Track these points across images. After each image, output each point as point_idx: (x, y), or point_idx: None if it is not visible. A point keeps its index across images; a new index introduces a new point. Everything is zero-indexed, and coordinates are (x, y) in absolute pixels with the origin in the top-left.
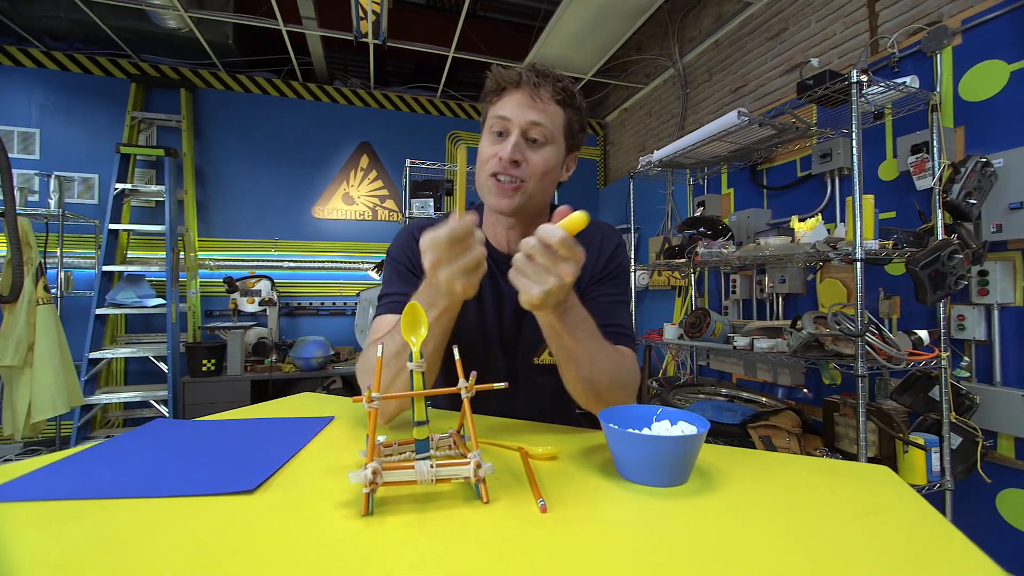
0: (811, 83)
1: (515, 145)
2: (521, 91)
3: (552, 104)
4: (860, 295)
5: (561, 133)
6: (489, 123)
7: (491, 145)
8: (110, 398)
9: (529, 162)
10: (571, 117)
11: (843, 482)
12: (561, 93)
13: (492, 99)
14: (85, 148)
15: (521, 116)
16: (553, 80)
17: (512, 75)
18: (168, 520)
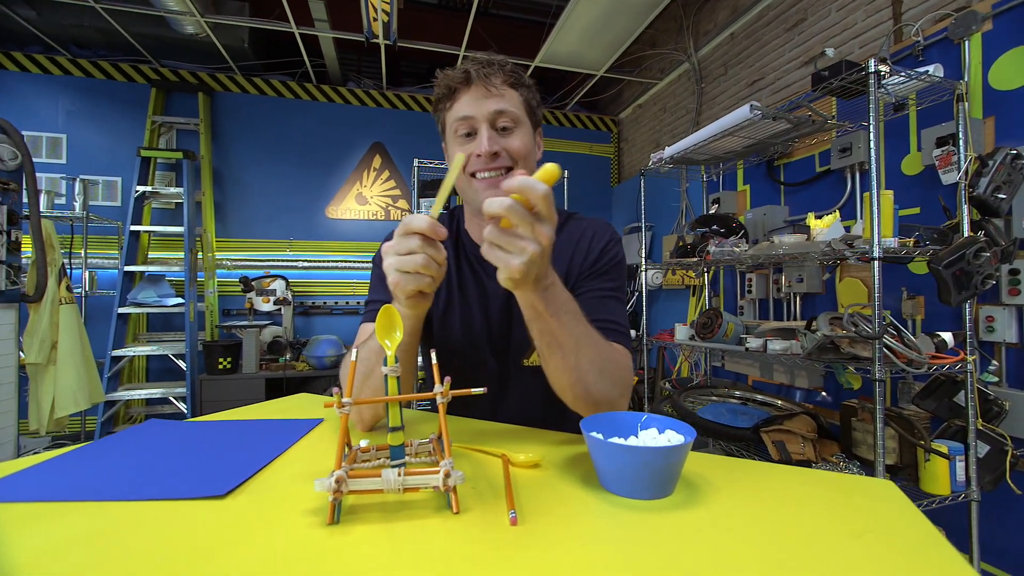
0: (826, 74)
1: (489, 138)
2: (474, 87)
3: (507, 89)
4: (877, 295)
5: (524, 113)
6: (452, 128)
7: (463, 146)
8: (132, 394)
9: (508, 149)
10: (527, 96)
11: (841, 497)
12: (511, 76)
13: (446, 105)
14: (109, 152)
15: (484, 109)
16: (499, 66)
17: (459, 74)
18: (138, 524)
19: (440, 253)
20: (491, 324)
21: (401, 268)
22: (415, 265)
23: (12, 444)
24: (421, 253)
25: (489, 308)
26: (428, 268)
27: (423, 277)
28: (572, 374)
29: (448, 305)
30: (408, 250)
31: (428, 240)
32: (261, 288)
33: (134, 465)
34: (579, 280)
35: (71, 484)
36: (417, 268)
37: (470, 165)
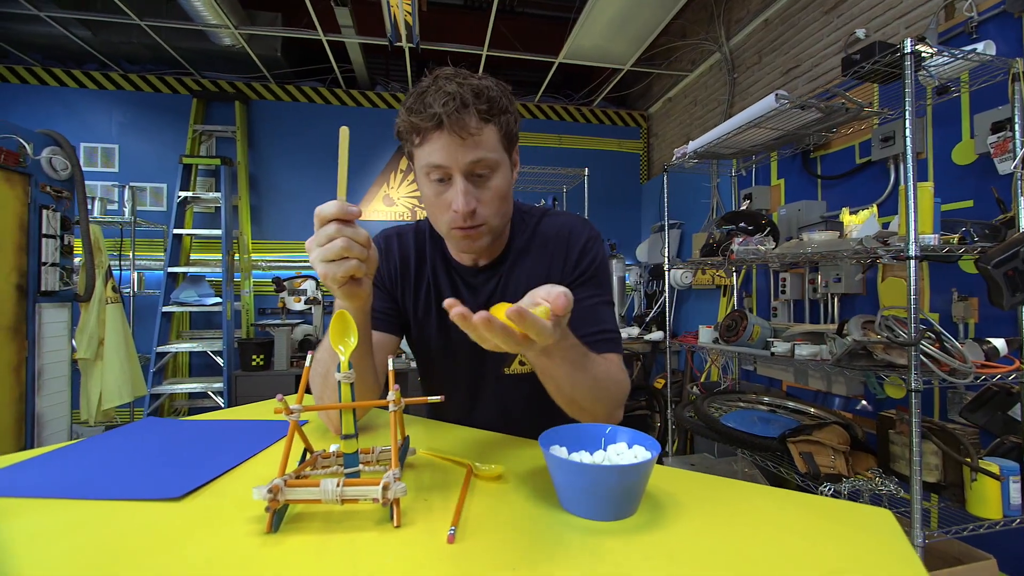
0: (857, 57)
1: (465, 194)
2: (446, 133)
3: (483, 127)
4: (914, 297)
5: (502, 148)
6: (423, 169)
7: (436, 195)
8: (174, 388)
9: (483, 202)
10: (505, 124)
11: (824, 525)
12: (487, 109)
13: (413, 139)
14: (156, 160)
15: (458, 160)
16: (475, 100)
17: (429, 117)
18: (86, 523)
19: (359, 233)
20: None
21: (325, 258)
22: (336, 251)
23: (66, 432)
24: (339, 237)
25: None
26: (350, 250)
27: (348, 261)
28: (566, 400)
29: (426, 313)
30: (327, 237)
31: (343, 223)
32: (293, 288)
33: (108, 464)
34: (564, 280)
35: (37, 481)
36: (339, 253)
37: (448, 218)
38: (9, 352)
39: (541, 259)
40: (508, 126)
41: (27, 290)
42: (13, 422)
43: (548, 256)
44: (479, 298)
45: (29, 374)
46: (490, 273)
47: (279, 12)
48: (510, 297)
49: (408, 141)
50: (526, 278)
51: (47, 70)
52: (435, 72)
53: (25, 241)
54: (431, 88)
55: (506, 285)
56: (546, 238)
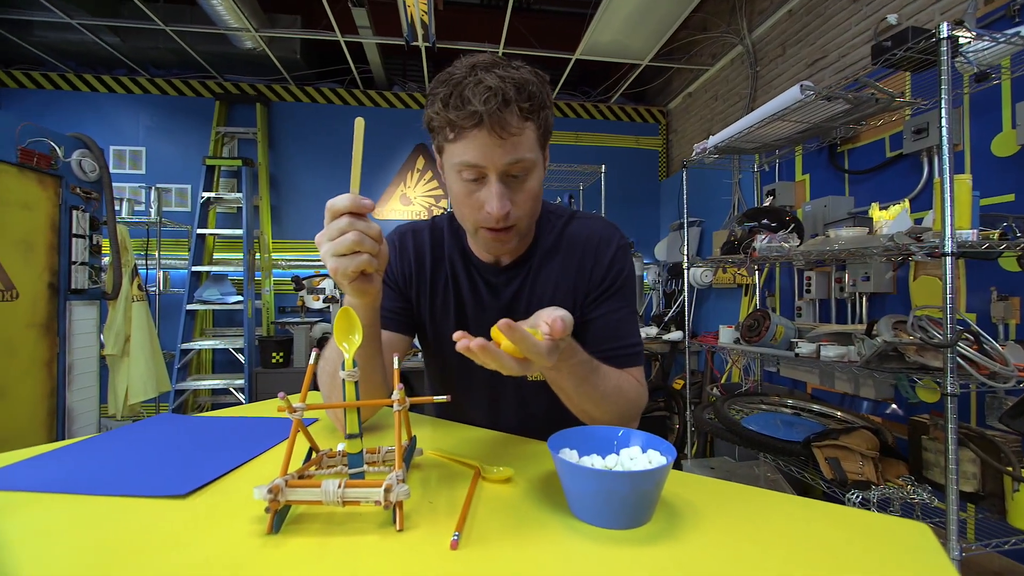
0: (888, 44)
1: (500, 197)
2: (485, 132)
3: (524, 126)
4: (950, 296)
5: (538, 147)
6: (453, 164)
7: (468, 193)
8: (197, 384)
9: (517, 204)
10: (544, 120)
11: (856, 540)
12: (529, 106)
13: (447, 135)
14: (180, 161)
15: (495, 161)
16: (516, 96)
17: (468, 114)
18: (95, 518)
19: (371, 227)
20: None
21: (336, 252)
22: (348, 245)
23: (94, 426)
24: (351, 231)
25: (484, 319)
26: (362, 244)
27: (360, 255)
28: (576, 409)
29: (444, 313)
30: (339, 231)
31: (355, 216)
32: (312, 287)
33: (118, 460)
34: (590, 300)
35: (48, 477)
36: (351, 247)
37: (478, 217)
38: (42, 348)
39: (568, 264)
40: (546, 122)
41: (58, 288)
42: (46, 416)
43: (575, 262)
44: (501, 299)
45: (60, 369)
46: (513, 273)
47: (298, 14)
48: (535, 299)
49: (439, 135)
50: (552, 282)
51: (79, 76)
52: (472, 60)
53: (56, 241)
54: (469, 80)
55: (532, 287)
56: (574, 242)
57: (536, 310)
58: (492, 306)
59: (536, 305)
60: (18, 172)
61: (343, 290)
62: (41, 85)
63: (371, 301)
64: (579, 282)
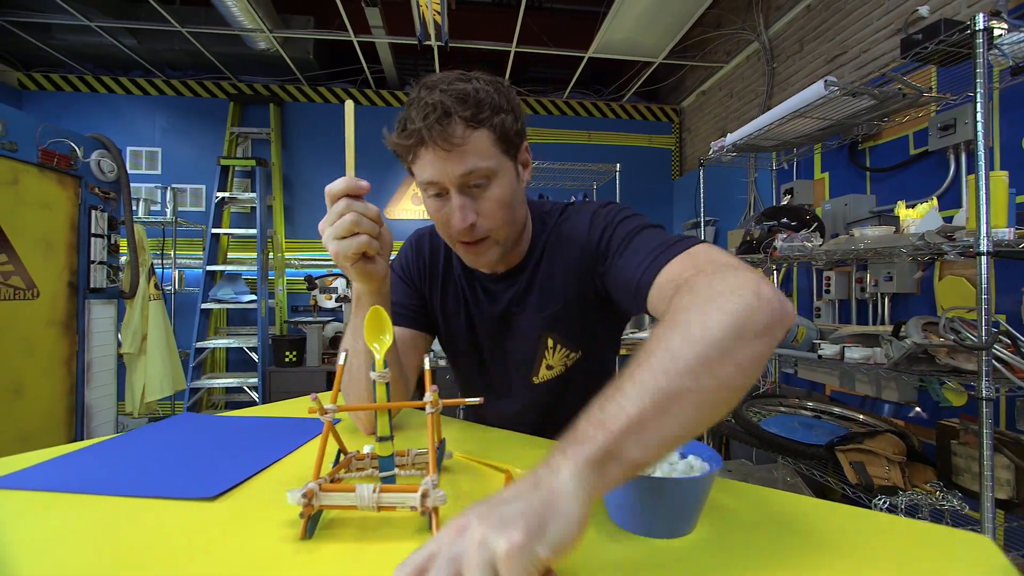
0: (919, 37)
1: (460, 209)
2: (431, 149)
3: (472, 133)
4: (985, 297)
5: (498, 152)
6: (420, 185)
7: (437, 210)
8: (212, 383)
9: (483, 214)
10: (500, 125)
11: (913, 552)
12: (474, 115)
13: (407, 158)
14: (195, 162)
15: (448, 174)
16: (459, 106)
17: (410, 134)
18: (126, 519)
19: (369, 208)
20: (487, 342)
21: (336, 235)
22: (347, 226)
23: (112, 424)
24: (349, 212)
25: (486, 326)
26: (360, 225)
27: (359, 236)
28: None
29: (456, 312)
30: (337, 214)
31: (352, 198)
32: (324, 286)
33: (145, 460)
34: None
35: (79, 477)
36: (349, 229)
37: (450, 233)
38: (61, 347)
39: (559, 258)
40: (504, 127)
41: (77, 287)
42: (64, 414)
43: (567, 248)
44: (497, 305)
45: (79, 367)
46: (510, 280)
47: (311, 15)
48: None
49: (403, 160)
50: (552, 279)
51: (97, 78)
52: (422, 81)
53: (76, 240)
54: (415, 102)
55: (528, 291)
56: (559, 235)
57: (538, 313)
58: (490, 313)
59: (537, 308)
60: (39, 172)
61: (348, 275)
62: (60, 87)
63: (377, 286)
64: (583, 259)
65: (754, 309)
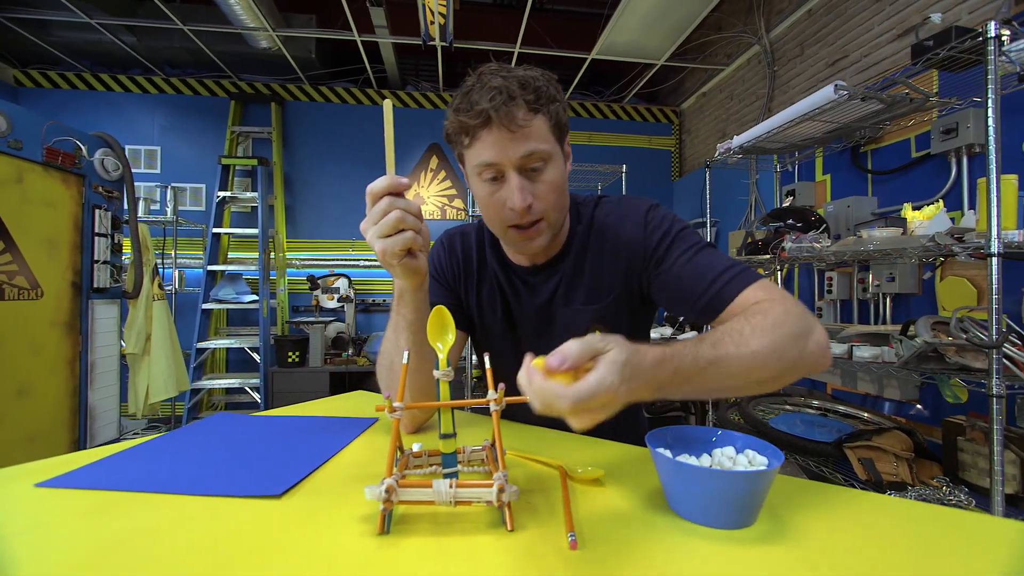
0: (931, 43)
1: (520, 189)
2: (495, 129)
3: (532, 118)
4: (996, 297)
5: (552, 138)
6: (475, 169)
7: (491, 194)
8: (213, 384)
9: (539, 196)
10: (555, 113)
11: (964, 540)
12: (535, 99)
13: (463, 140)
14: (195, 161)
15: (509, 155)
16: (521, 91)
17: (476, 114)
18: (197, 518)
19: (411, 205)
20: (527, 336)
21: (381, 233)
22: (393, 224)
23: (115, 425)
24: (393, 210)
25: (526, 321)
26: (404, 222)
27: (404, 233)
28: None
29: (492, 312)
30: (381, 212)
31: (394, 196)
32: (326, 286)
33: (199, 459)
34: (651, 267)
35: (139, 475)
36: (395, 226)
37: (504, 216)
38: (65, 347)
39: (603, 250)
40: (557, 115)
41: (81, 287)
42: (68, 414)
43: (611, 245)
44: (538, 297)
45: (83, 368)
46: (550, 272)
47: (313, 14)
48: (576, 292)
49: (457, 143)
50: (592, 271)
51: (95, 75)
52: (479, 69)
53: (79, 240)
54: (476, 86)
55: (570, 282)
56: (603, 229)
57: (579, 304)
58: (531, 305)
59: (575, 299)
60: (43, 171)
61: (393, 274)
62: (57, 84)
63: (420, 282)
64: (622, 259)
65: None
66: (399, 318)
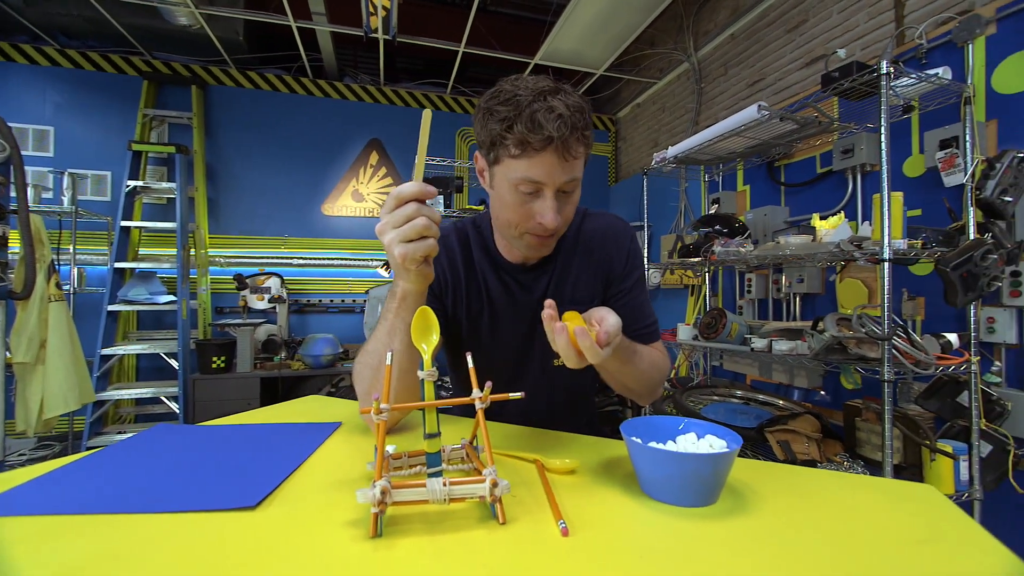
0: (836, 75)
1: (554, 210)
2: (552, 152)
3: (582, 151)
4: (887, 296)
5: (583, 165)
6: (511, 177)
7: (522, 203)
8: (121, 394)
9: (564, 215)
10: (590, 144)
11: (887, 502)
12: (587, 133)
13: (510, 149)
14: (98, 145)
15: (556, 179)
16: (582, 125)
17: (543, 138)
18: (167, 538)
19: (434, 213)
20: (517, 331)
21: (406, 237)
22: (418, 229)
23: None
24: (420, 216)
25: (517, 316)
26: (429, 229)
27: (427, 240)
28: (618, 385)
29: (479, 312)
30: (406, 217)
31: (420, 203)
32: (255, 286)
33: (153, 474)
34: (614, 289)
35: (87, 495)
36: (420, 232)
37: (529, 225)
38: None
39: (588, 261)
40: (589, 146)
41: None
42: None
43: (596, 256)
44: (533, 295)
45: None
46: (541, 271)
47: None
48: (563, 293)
49: (500, 149)
50: (575, 276)
51: None
52: (532, 84)
53: None
54: (539, 106)
55: (559, 282)
56: (590, 239)
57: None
58: (526, 302)
59: (563, 298)
60: None
61: (405, 278)
62: None
63: (426, 287)
64: (601, 273)
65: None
66: (398, 320)
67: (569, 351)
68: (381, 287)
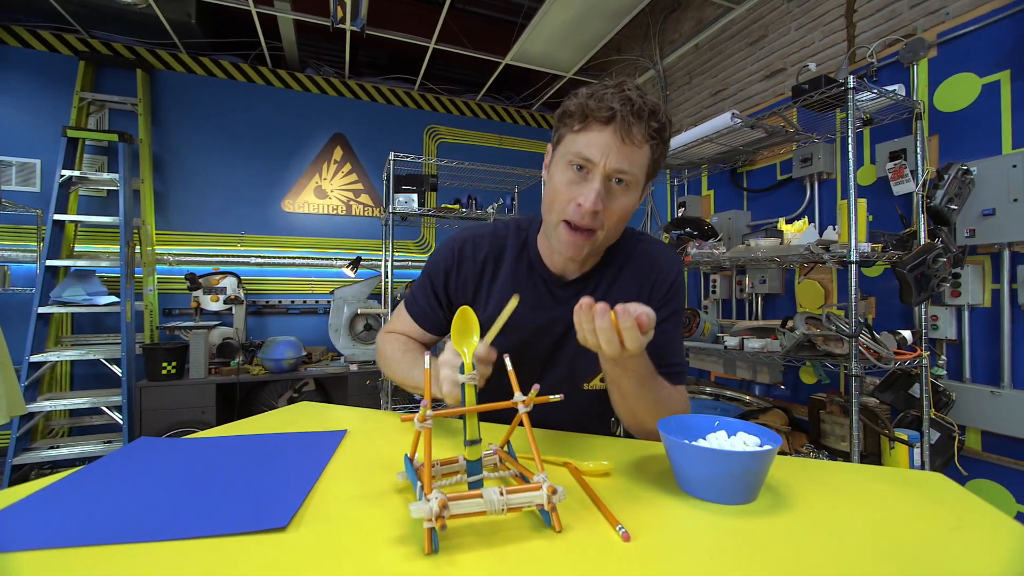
0: (807, 87)
1: (597, 194)
2: (611, 130)
3: (643, 144)
4: (855, 297)
5: (644, 174)
6: (566, 154)
7: (569, 183)
8: (55, 405)
9: (607, 210)
10: (658, 152)
11: (910, 492)
12: (654, 133)
13: (573, 125)
14: (25, 130)
15: (607, 161)
16: (648, 118)
17: (603, 109)
18: (190, 567)
19: (488, 368)
20: (553, 347)
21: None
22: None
23: None
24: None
25: (553, 331)
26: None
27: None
28: (628, 410)
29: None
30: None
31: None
32: (209, 286)
33: (155, 495)
34: None
35: (87, 523)
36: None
37: (568, 210)
38: None
39: (632, 284)
40: (658, 155)
41: None
42: None
43: (638, 283)
44: (567, 310)
45: None
46: (581, 287)
47: None
48: None
49: (566, 124)
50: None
51: None
52: (619, 80)
53: None
54: (613, 89)
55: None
56: (639, 264)
57: None
58: (559, 318)
59: None
60: None
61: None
62: None
63: None
64: (642, 299)
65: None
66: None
67: (611, 334)
68: (346, 288)
